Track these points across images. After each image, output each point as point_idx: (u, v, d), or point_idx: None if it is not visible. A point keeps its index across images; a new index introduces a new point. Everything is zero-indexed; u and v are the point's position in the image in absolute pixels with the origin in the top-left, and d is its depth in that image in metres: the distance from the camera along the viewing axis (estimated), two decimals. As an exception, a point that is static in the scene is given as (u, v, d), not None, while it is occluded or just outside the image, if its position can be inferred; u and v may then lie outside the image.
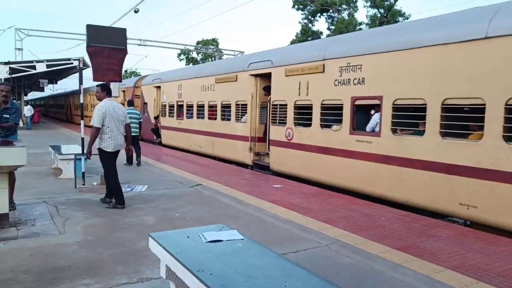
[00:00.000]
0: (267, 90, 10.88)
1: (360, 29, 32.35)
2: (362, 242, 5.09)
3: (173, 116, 16.41)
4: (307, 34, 36.72)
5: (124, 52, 8.39)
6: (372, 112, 7.97)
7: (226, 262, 2.89)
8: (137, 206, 6.81)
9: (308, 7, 37.04)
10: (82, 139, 8.84)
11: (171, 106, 16.59)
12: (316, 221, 5.95)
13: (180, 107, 15.99)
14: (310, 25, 37.85)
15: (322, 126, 8.85)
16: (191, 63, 49.10)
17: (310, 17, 37.59)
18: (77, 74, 32.45)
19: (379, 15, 33.14)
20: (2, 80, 19.32)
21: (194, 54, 50.78)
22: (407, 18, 32.35)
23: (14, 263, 4.22)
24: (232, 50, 35.94)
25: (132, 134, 10.54)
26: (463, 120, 6.24)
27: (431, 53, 6.62)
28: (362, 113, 8.16)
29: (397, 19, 32.12)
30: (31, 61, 21.99)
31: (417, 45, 6.83)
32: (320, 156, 8.84)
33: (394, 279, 4.13)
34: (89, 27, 8.08)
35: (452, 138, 6.33)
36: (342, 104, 8.23)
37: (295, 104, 9.58)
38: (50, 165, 10.67)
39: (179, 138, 15.87)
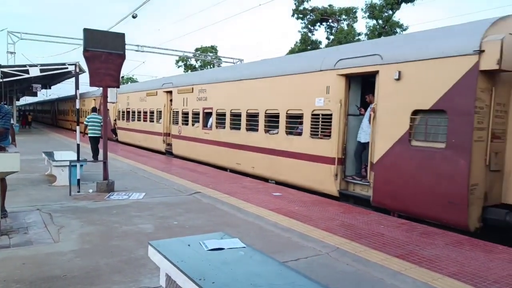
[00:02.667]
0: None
1: (359, 39, 32.49)
2: (362, 250, 5.07)
3: (124, 120, 22.23)
4: (306, 43, 36.66)
5: (122, 57, 8.28)
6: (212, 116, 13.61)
7: (228, 270, 2.83)
8: (135, 214, 6.73)
9: (307, 16, 37.08)
10: (78, 145, 8.76)
11: (123, 112, 22.46)
12: (316, 229, 5.92)
13: (128, 113, 21.70)
14: (309, 34, 37.91)
15: (193, 124, 14.70)
16: (190, 70, 48.99)
17: (309, 26, 37.61)
18: (71, 79, 32.37)
19: (378, 26, 33.28)
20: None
21: (193, 61, 50.69)
22: (405, 30, 32.56)
23: (6, 273, 4.11)
24: (231, 58, 35.87)
25: (95, 135, 13.25)
26: (237, 120, 12.02)
27: (226, 85, 12.81)
28: (209, 117, 13.89)
29: (395, 30, 32.28)
30: (24, 65, 21.57)
31: (221, 80, 13.08)
32: (193, 143, 14.68)
33: (393, 287, 4.11)
34: (87, 31, 7.98)
35: (233, 130, 12.17)
36: (199, 111, 14.18)
37: (182, 111, 15.51)
38: (44, 172, 10.54)
39: (128, 136, 21.55)
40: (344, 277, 4.34)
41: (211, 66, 41.96)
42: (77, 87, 9.00)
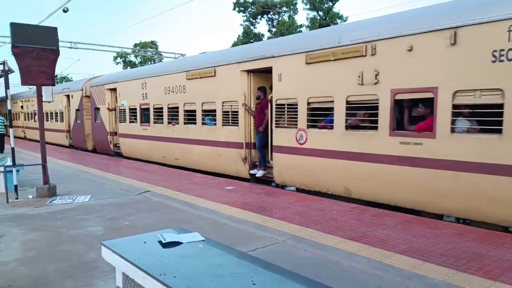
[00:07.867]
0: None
1: (300, 31, 32.99)
2: (317, 235, 5.18)
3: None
4: (249, 37, 36.63)
5: (56, 53, 7.75)
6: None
7: (189, 263, 2.76)
8: (81, 217, 6.39)
9: (249, 9, 36.98)
10: (13, 149, 8.16)
11: (26, 114, 29.85)
12: (271, 219, 5.96)
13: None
14: (252, 27, 37.89)
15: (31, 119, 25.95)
16: (129, 67, 47.24)
17: (251, 19, 37.55)
18: (-1, 79, 30.12)
19: (318, 17, 33.95)
20: None
21: (132, 58, 48.82)
22: (345, 20, 33.57)
23: None
24: (173, 53, 34.71)
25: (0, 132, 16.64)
26: (47, 117, 22.84)
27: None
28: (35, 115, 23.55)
29: (336, 22, 33.14)
30: None
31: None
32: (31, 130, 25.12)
33: (350, 268, 4.25)
34: (14, 26, 7.39)
35: (46, 121, 21.29)
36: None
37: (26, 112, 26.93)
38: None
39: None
40: (302, 262, 4.41)
41: (152, 62, 40.77)
42: (7, 87, 8.36)
